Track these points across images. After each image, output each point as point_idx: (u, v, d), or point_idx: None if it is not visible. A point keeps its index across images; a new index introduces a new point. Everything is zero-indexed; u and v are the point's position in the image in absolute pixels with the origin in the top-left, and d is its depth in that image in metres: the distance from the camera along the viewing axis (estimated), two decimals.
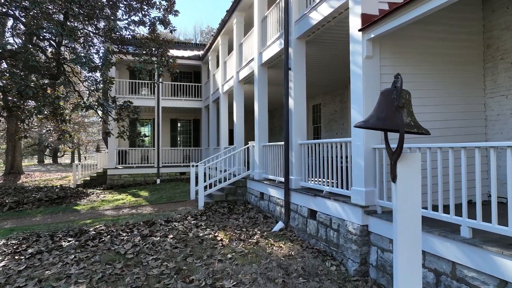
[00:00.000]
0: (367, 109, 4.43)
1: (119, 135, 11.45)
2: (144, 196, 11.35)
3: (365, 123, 1.98)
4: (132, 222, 7.24)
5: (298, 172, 6.44)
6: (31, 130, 25.46)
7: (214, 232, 6.22)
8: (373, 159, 4.44)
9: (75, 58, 9.47)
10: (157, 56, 11.35)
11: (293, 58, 6.56)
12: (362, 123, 2.00)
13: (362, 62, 4.45)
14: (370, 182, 4.43)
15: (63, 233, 6.53)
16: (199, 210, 8.28)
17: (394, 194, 2.02)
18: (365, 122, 1.98)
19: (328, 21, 5.75)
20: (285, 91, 6.71)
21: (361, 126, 2.01)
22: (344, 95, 11.69)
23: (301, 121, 6.54)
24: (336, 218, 4.95)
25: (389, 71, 4.60)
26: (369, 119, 1.97)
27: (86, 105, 10.49)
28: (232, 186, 9.31)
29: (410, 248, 1.96)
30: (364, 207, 4.37)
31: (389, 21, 4.00)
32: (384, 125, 1.87)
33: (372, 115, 1.98)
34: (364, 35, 4.42)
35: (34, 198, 10.19)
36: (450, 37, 4.94)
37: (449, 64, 4.96)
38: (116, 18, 11.12)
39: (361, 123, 2.00)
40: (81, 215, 8.59)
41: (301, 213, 6.02)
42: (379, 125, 1.89)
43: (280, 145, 7.30)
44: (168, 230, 6.38)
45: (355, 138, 4.59)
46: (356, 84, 4.56)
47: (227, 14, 11.10)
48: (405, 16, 3.75)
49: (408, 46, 4.74)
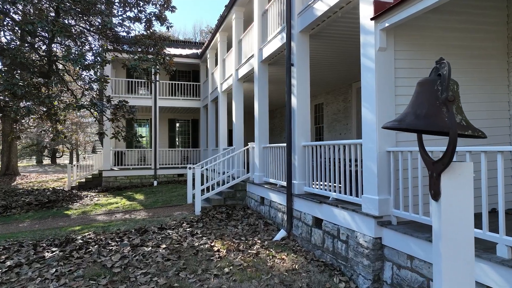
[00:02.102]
0: (380, 107, 3.96)
1: (114, 136, 10.98)
2: (139, 200, 10.87)
3: (400, 123, 1.50)
4: (124, 229, 6.76)
5: (301, 176, 5.96)
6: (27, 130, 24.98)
7: (211, 241, 5.74)
8: (387, 164, 3.97)
9: (66, 55, 9.01)
10: (153, 54, 10.88)
11: (296, 53, 6.08)
12: (395, 123, 1.52)
13: (374, 55, 3.97)
14: (384, 189, 3.95)
15: (48, 241, 6.05)
16: (196, 215, 7.80)
17: (435, 215, 1.54)
18: (400, 121, 1.50)
19: (335, 12, 5.27)
20: (287, 89, 6.23)
21: (393, 127, 1.53)
22: (348, 94, 11.22)
23: (305, 121, 6.06)
24: (345, 228, 4.47)
25: (403, 65, 4.13)
26: (405, 118, 1.50)
27: (78, 104, 10.03)
28: (231, 190, 8.83)
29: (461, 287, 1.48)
30: (377, 217, 3.89)
31: (406, 7, 3.53)
32: (428, 125, 1.39)
33: (408, 113, 1.51)
34: (377, 25, 3.95)
35: (23, 202, 9.71)
36: (471, 28, 4.46)
37: (469, 58, 4.48)
38: (110, 14, 10.65)
39: (394, 124, 1.52)
40: (71, 221, 8.11)
41: (305, 221, 5.54)
42: (419, 125, 1.41)
43: (282, 147, 6.82)
44: (161, 239, 5.90)
45: (367, 140, 4.11)
46: (368, 79, 4.08)
47: (226, 9, 10.63)
48: (426, 1, 3.27)
49: (425, 37, 4.27)
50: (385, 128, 1.60)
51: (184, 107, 16.77)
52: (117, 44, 11.20)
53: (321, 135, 13.06)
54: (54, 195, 11.28)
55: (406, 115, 1.51)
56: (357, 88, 10.77)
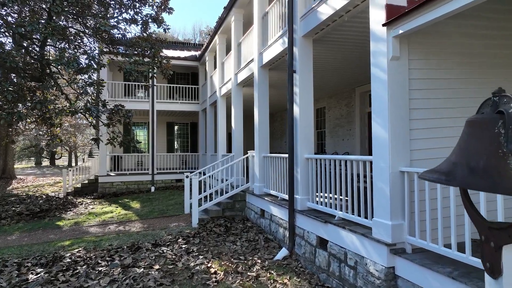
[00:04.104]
0: (393, 122, 3.58)
1: (109, 142, 10.60)
2: (135, 209, 10.49)
3: (448, 177, 1.12)
4: (116, 244, 6.39)
5: (304, 191, 5.58)
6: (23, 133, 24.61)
7: (207, 261, 5.36)
8: (401, 185, 3.58)
9: (58, 59, 8.64)
10: (149, 57, 10.51)
11: (299, 59, 5.70)
12: (440, 177, 1.13)
13: (387, 65, 3.59)
14: (397, 213, 3.57)
15: (35, 260, 5.67)
16: (193, 228, 7.42)
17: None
18: (447, 175, 1.12)
19: (340, 16, 4.89)
20: (289, 97, 5.85)
21: (437, 181, 1.15)
22: (351, 98, 10.83)
23: (308, 132, 5.68)
24: (353, 253, 4.09)
25: (418, 75, 3.75)
26: (454, 170, 1.11)
27: (72, 110, 9.66)
28: (230, 200, 8.45)
29: None
30: (390, 245, 3.51)
31: (424, 12, 3.14)
32: (491, 187, 1.01)
33: (458, 163, 1.13)
34: (390, 31, 3.57)
35: (13, 212, 9.33)
36: (492, 34, 4.07)
37: (490, 67, 4.09)
38: (105, 16, 10.28)
39: (438, 177, 1.14)
40: (62, 233, 7.73)
41: (309, 241, 5.16)
42: (478, 185, 1.03)
43: (283, 158, 6.44)
44: (154, 258, 5.52)
45: (378, 158, 3.73)
46: (379, 90, 3.70)
47: (225, 11, 10.25)
48: (448, 5, 2.90)
49: (441, 45, 3.88)
50: (423, 179, 1.22)
51: (182, 111, 16.39)
52: (113, 47, 10.82)
53: (323, 140, 12.69)
54: (47, 204, 10.90)
55: (454, 165, 1.13)
56: (361, 93, 10.40)
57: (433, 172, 1.18)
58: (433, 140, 3.78)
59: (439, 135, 3.81)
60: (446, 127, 3.84)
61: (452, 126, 3.88)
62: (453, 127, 3.89)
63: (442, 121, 3.84)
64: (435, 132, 3.79)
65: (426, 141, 3.75)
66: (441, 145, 3.80)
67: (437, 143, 3.79)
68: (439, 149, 3.78)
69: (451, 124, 3.88)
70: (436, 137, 3.79)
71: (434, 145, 3.78)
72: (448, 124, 3.86)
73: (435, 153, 3.77)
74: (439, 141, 3.80)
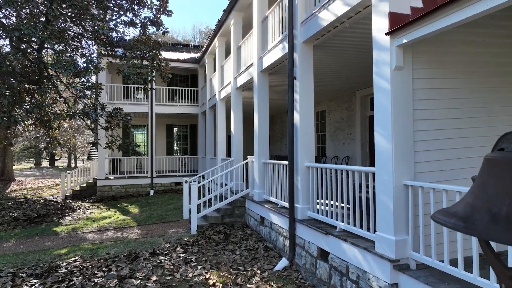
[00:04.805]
0: (397, 134, 3.47)
1: (108, 146, 10.49)
2: (134, 214, 10.37)
3: (466, 224, 1.00)
4: (113, 253, 6.28)
5: (305, 200, 5.47)
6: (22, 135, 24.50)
7: (206, 271, 5.24)
8: (404, 199, 3.48)
9: (56, 63, 8.54)
10: (148, 60, 10.40)
11: (299, 65, 5.59)
12: (456, 223, 1.02)
13: (390, 74, 3.48)
14: (401, 228, 3.46)
15: (30, 270, 5.56)
16: (191, 235, 7.31)
17: None
18: (465, 222, 1.01)
19: (342, 22, 4.78)
20: (289, 104, 5.73)
21: (454, 228, 1.04)
22: (352, 102, 10.73)
23: (309, 140, 5.57)
24: (355, 267, 3.98)
25: (423, 85, 3.64)
26: (472, 217, 1.00)
27: (70, 114, 9.55)
28: (229, 207, 8.34)
29: None
30: (393, 261, 3.40)
31: (431, 22, 3.04)
32: None
33: (477, 207, 1.01)
34: (393, 41, 3.46)
35: (10, 218, 9.22)
36: (498, 42, 3.97)
37: (496, 76, 3.99)
38: (103, 19, 10.17)
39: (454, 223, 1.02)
40: (59, 240, 7.62)
41: (309, 251, 5.05)
42: (501, 236, 0.92)
43: (283, 165, 6.33)
44: (152, 268, 5.40)
45: (381, 171, 3.62)
46: (382, 101, 3.59)
47: (224, 14, 10.14)
48: (457, 14, 2.79)
49: (447, 54, 3.78)
50: (437, 222, 1.11)
51: (182, 113, 16.29)
52: (111, 49, 10.71)
53: (323, 143, 12.58)
54: (45, 208, 10.79)
55: (473, 209, 1.02)
56: (362, 96, 10.29)
57: (449, 215, 1.07)
58: (438, 152, 3.67)
59: (444, 147, 3.70)
60: (450, 138, 3.74)
61: (457, 137, 3.78)
62: (457, 138, 3.79)
63: (447, 132, 3.73)
64: (439, 144, 3.68)
65: (431, 153, 3.64)
66: (445, 157, 3.70)
67: (442, 155, 3.69)
68: (443, 161, 3.68)
69: (456, 135, 3.77)
70: (440, 149, 3.69)
71: (438, 157, 3.67)
72: (453, 135, 3.76)
73: (440, 165, 3.67)
74: (443, 153, 3.69)
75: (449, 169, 3.68)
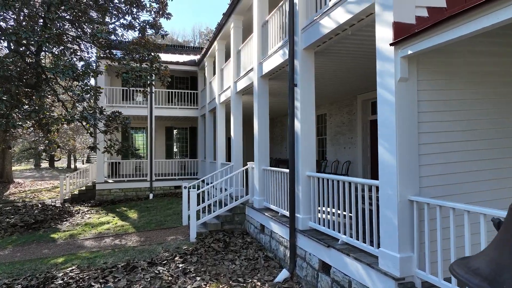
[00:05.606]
0: (401, 147, 3.37)
1: (106, 150, 10.39)
2: (132, 219, 10.26)
3: (492, 285, 0.90)
4: (111, 263, 6.17)
5: (306, 210, 5.37)
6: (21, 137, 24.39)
7: (205, 283, 5.14)
8: (409, 215, 3.37)
9: (53, 67, 8.45)
10: (147, 63, 10.30)
11: (300, 72, 5.48)
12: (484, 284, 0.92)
13: (394, 86, 3.37)
14: (405, 245, 3.36)
15: (26, 281, 5.45)
16: (191, 243, 7.20)
17: None
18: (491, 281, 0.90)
19: (344, 29, 4.67)
20: (290, 111, 5.63)
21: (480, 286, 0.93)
22: (353, 106, 10.62)
23: (310, 148, 5.46)
24: (358, 282, 3.87)
25: (427, 97, 3.54)
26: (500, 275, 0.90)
27: (68, 118, 9.44)
28: (229, 213, 8.23)
29: None
30: (398, 279, 3.30)
31: (437, 33, 2.93)
32: None
33: (502, 265, 0.91)
34: (398, 51, 3.35)
35: (7, 224, 9.11)
36: (505, 51, 3.87)
37: (503, 86, 3.88)
38: (102, 22, 10.07)
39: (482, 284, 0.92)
40: (56, 248, 7.51)
41: (310, 263, 4.95)
42: None
43: (284, 173, 6.23)
44: (149, 280, 5.30)
45: (385, 185, 3.51)
46: (386, 113, 3.48)
47: (224, 17, 10.04)
48: (467, 26, 2.68)
49: (453, 64, 3.67)
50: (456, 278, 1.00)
51: (182, 116, 16.18)
52: (110, 52, 10.60)
53: (324, 147, 12.47)
54: (43, 214, 10.68)
55: (499, 268, 0.91)
56: (363, 101, 10.18)
57: (470, 273, 0.96)
58: (443, 165, 3.57)
59: (450, 160, 3.60)
60: (456, 151, 3.64)
61: (462, 150, 3.68)
62: (463, 151, 3.69)
63: (453, 145, 3.63)
64: (445, 157, 3.58)
65: (436, 166, 3.54)
66: (451, 170, 3.60)
67: (447, 168, 3.58)
68: (449, 175, 3.58)
69: (462, 148, 3.67)
70: (446, 162, 3.58)
71: (444, 171, 3.57)
72: (459, 148, 3.66)
73: (445, 179, 3.57)
74: (449, 166, 3.59)
75: (454, 182, 3.58)
